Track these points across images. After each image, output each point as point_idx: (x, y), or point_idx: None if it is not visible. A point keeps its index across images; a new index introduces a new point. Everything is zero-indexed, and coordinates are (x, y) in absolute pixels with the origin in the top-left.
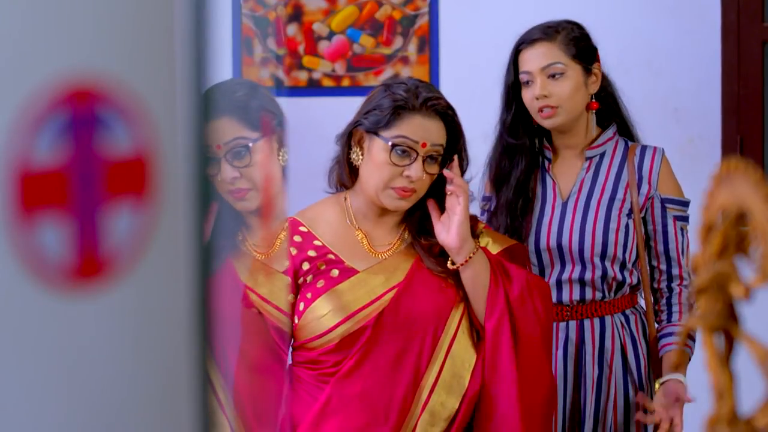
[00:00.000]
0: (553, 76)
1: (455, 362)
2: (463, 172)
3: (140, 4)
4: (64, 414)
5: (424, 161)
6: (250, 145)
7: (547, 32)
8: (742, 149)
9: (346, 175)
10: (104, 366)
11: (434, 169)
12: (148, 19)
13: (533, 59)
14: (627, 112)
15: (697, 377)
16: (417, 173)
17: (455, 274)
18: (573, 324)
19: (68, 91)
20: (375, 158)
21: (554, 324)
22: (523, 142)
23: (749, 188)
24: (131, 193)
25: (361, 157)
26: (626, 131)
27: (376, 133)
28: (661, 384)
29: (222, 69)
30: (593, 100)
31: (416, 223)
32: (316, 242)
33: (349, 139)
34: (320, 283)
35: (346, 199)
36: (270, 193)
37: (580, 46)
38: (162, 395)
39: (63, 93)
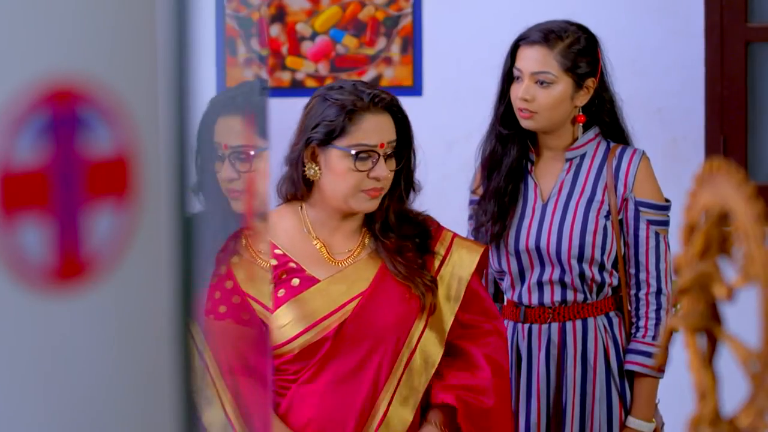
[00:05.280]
0: (541, 82)
1: (413, 376)
2: (412, 164)
3: (122, 5)
4: (44, 414)
5: (385, 160)
6: (256, 153)
7: (548, 37)
8: (726, 150)
9: (301, 191)
10: (85, 366)
11: (393, 164)
12: (129, 20)
13: (527, 60)
14: (625, 126)
15: (680, 378)
16: (383, 173)
17: (420, 282)
18: (555, 326)
19: (49, 91)
20: (336, 169)
21: (537, 326)
22: (516, 132)
23: (732, 189)
24: (112, 194)
25: (318, 171)
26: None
27: (331, 144)
28: (626, 426)
29: (204, 69)
30: (580, 114)
31: (379, 224)
32: (277, 251)
33: (301, 156)
34: (281, 292)
35: (302, 208)
36: (255, 200)
37: (578, 59)
38: (143, 396)
39: (44, 93)
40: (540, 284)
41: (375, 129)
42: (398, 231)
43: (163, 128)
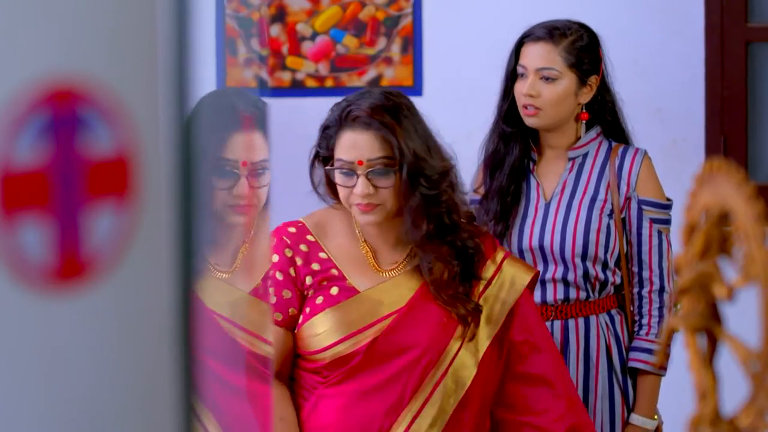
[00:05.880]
0: (546, 78)
1: (442, 397)
2: (408, 180)
3: (122, 5)
4: (44, 414)
5: (368, 176)
6: (268, 166)
7: (552, 34)
8: (726, 150)
9: (331, 196)
10: (85, 367)
11: (386, 181)
12: (129, 19)
13: (531, 56)
14: (626, 125)
15: (680, 377)
16: (361, 191)
17: (462, 308)
18: (558, 324)
19: (49, 91)
20: (335, 180)
21: None
22: (519, 130)
23: (732, 189)
24: (113, 194)
25: None
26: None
27: (328, 156)
28: (629, 423)
29: (205, 69)
30: (584, 111)
31: (423, 244)
32: (322, 254)
33: (325, 163)
34: (319, 300)
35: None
36: (254, 212)
37: (581, 56)
38: (142, 397)
39: (44, 93)
40: (543, 282)
41: (352, 145)
42: (435, 251)
43: (163, 128)
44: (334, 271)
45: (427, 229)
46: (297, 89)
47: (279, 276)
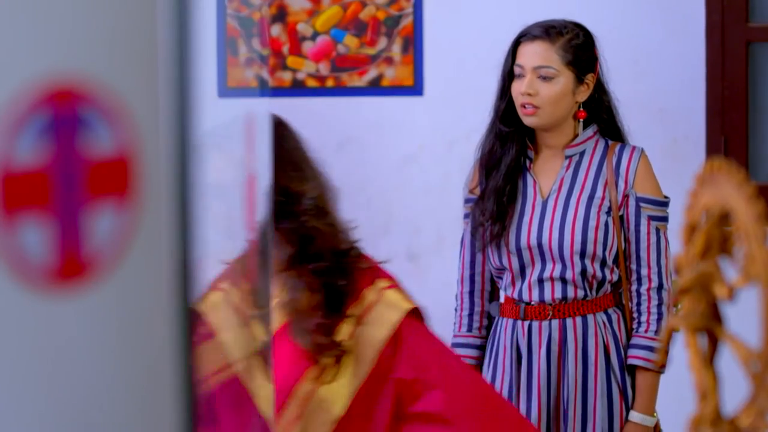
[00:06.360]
0: (543, 78)
1: None
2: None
3: (122, 5)
4: (44, 414)
5: None
6: None
7: (549, 32)
8: (726, 150)
9: None
10: (85, 367)
11: None
12: (130, 19)
13: (529, 55)
14: (621, 124)
15: (682, 377)
16: None
17: (324, 352)
18: (555, 323)
19: (50, 91)
20: None
21: (537, 323)
22: (515, 130)
23: (733, 188)
24: (113, 194)
25: None
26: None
27: None
28: (629, 421)
29: (205, 69)
30: (581, 109)
31: (285, 271)
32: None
33: None
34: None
35: None
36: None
37: (578, 54)
38: (143, 397)
39: (44, 93)
40: (541, 281)
41: None
42: (297, 277)
43: (163, 128)
44: None
45: (290, 254)
46: (298, 89)
47: None
